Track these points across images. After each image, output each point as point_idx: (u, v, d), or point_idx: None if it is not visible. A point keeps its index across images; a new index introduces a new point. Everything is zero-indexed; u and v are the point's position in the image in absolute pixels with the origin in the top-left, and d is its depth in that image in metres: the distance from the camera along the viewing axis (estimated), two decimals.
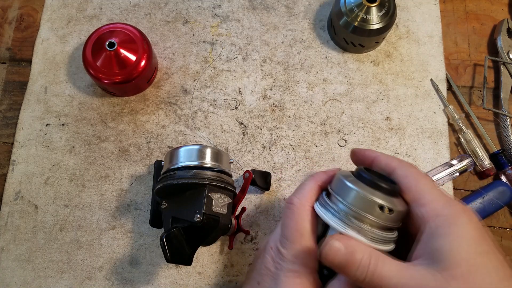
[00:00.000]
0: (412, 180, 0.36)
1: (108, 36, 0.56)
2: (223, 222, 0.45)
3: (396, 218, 0.36)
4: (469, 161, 0.57)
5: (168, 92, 0.61)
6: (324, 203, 0.38)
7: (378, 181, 0.36)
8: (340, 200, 0.36)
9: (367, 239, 0.35)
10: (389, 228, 0.36)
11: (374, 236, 0.35)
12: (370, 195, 0.35)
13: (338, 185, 0.38)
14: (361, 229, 0.35)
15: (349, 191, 0.36)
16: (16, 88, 0.61)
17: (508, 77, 0.62)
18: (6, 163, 0.58)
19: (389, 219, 0.35)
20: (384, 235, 0.35)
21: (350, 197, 0.36)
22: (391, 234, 0.36)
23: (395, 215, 0.35)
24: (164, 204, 0.48)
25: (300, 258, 0.37)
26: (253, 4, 0.65)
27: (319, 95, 0.61)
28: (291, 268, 0.37)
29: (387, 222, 0.35)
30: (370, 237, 0.35)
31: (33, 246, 0.55)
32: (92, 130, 0.59)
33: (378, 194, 0.35)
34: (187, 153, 0.48)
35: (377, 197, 0.35)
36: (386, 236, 0.35)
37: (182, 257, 0.44)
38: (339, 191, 0.37)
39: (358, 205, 0.35)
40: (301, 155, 0.58)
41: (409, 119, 0.60)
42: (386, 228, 0.36)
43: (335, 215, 0.36)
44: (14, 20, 0.65)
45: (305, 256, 0.38)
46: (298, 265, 0.37)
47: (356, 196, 0.35)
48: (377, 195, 0.35)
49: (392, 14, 0.58)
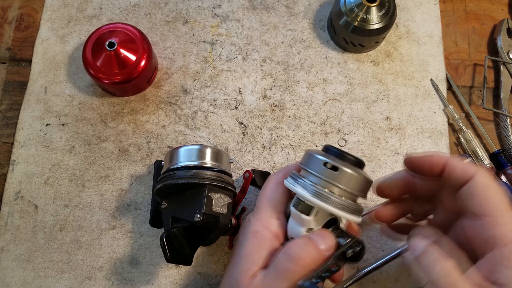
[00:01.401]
0: (492, 193, 0.35)
1: (108, 36, 0.56)
2: (223, 222, 0.45)
3: (351, 183, 0.38)
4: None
5: (168, 92, 0.61)
6: (292, 175, 0.41)
7: (343, 153, 0.39)
8: (303, 168, 0.40)
9: (319, 198, 0.37)
10: (348, 193, 0.38)
11: (327, 197, 0.37)
12: (319, 155, 0.38)
13: (303, 157, 0.42)
14: (317, 191, 0.37)
15: (307, 157, 0.40)
16: (16, 88, 0.61)
17: (508, 77, 0.62)
18: (6, 163, 0.58)
19: (342, 181, 0.37)
20: (337, 197, 0.37)
21: (307, 162, 0.39)
22: (351, 202, 0.38)
23: (344, 176, 0.37)
24: (164, 204, 0.48)
25: (262, 221, 0.41)
26: (253, 4, 0.65)
27: (319, 95, 0.61)
28: (251, 229, 0.41)
29: (340, 184, 0.37)
30: (323, 197, 0.37)
31: (33, 246, 0.55)
32: (92, 130, 0.59)
33: (335, 159, 0.38)
34: (187, 153, 0.48)
35: (326, 157, 0.38)
36: (341, 200, 0.37)
37: (182, 257, 0.44)
38: (303, 161, 0.41)
39: (311, 167, 0.38)
40: (301, 155, 0.58)
41: (409, 119, 0.60)
42: (345, 194, 0.38)
43: (295, 180, 0.39)
44: (14, 20, 0.65)
45: (267, 219, 0.41)
46: (259, 226, 0.40)
47: (310, 159, 0.39)
48: (330, 158, 0.38)
49: (392, 14, 0.58)
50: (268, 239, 0.40)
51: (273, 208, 0.41)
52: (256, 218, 0.41)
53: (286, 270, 0.36)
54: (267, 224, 0.41)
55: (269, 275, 0.37)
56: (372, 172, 0.58)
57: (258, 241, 0.39)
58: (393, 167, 0.58)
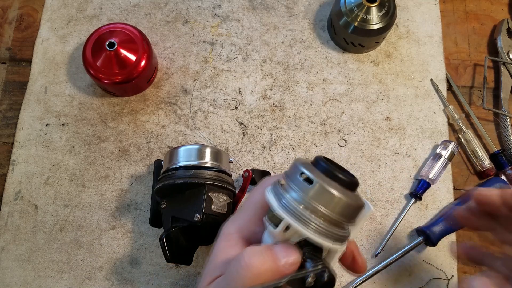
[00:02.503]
0: None
1: (108, 36, 0.56)
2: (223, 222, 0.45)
3: (334, 206, 0.30)
4: (453, 145, 0.57)
5: (168, 92, 0.61)
6: (275, 183, 0.34)
7: (334, 170, 0.31)
8: (284, 177, 0.33)
9: (289, 215, 0.30)
10: (333, 218, 0.30)
11: (298, 215, 0.30)
12: (300, 166, 0.31)
13: (289, 169, 0.34)
14: (287, 205, 0.30)
15: (291, 167, 0.33)
16: (16, 88, 0.61)
17: (508, 77, 0.62)
18: (6, 163, 0.58)
19: (315, 196, 0.30)
20: (311, 218, 0.30)
21: (289, 172, 0.32)
22: (339, 230, 0.31)
23: (320, 192, 0.30)
24: (163, 204, 0.48)
25: (236, 224, 0.36)
26: (253, 4, 0.65)
27: (319, 95, 0.61)
28: (224, 231, 0.37)
29: (320, 204, 0.30)
30: (293, 215, 0.30)
31: (33, 246, 0.55)
32: (92, 130, 0.59)
33: (326, 180, 0.31)
34: (187, 153, 0.48)
35: (309, 171, 0.31)
36: (314, 221, 0.30)
37: (182, 256, 0.44)
38: (288, 174, 0.33)
39: (290, 177, 0.32)
40: (301, 155, 0.58)
41: (409, 119, 0.60)
42: (330, 219, 0.30)
43: (274, 191, 0.32)
44: (14, 20, 0.65)
45: (241, 222, 0.36)
46: (232, 228, 0.36)
47: (292, 169, 0.32)
48: (315, 173, 0.31)
49: (392, 14, 0.58)
50: (238, 243, 0.35)
51: (253, 212, 0.36)
52: (232, 219, 0.37)
53: (236, 277, 0.32)
54: (241, 227, 0.36)
55: (220, 282, 0.33)
56: (372, 172, 0.58)
57: (226, 245, 0.35)
58: (393, 167, 0.58)
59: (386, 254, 0.55)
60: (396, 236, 0.56)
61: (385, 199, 0.57)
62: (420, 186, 0.56)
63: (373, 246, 0.55)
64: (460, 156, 0.60)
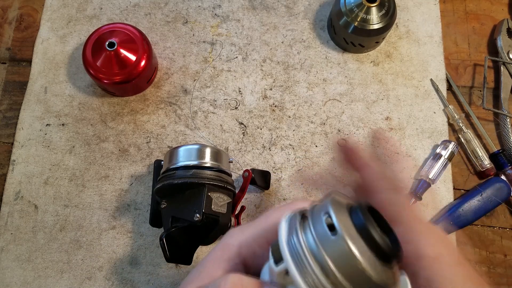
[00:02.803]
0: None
1: (108, 36, 0.56)
2: (223, 222, 0.45)
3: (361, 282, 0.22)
4: (453, 145, 0.57)
5: (168, 92, 0.61)
6: (294, 216, 0.26)
7: (372, 228, 0.23)
8: (308, 218, 0.25)
9: (307, 285, 0.23)
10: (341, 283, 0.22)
11: (312, 282, 0.22)
12: (328, 204, 0.24)
13: (319, 202, 0.26)
14: (306, 268, 0.23)
15: (320, 209, 0.24)
16: (16, 88, 0.61)
17: (508, 77, 0.62)
18: (6, 163, 0.58)
19: (333, 252, 0.23)
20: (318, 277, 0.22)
21: (315, 207, 0.25)
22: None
23: (338, 248, 0.22)
24: (163, 204, 0.48)
25: (240, 238, 0.31)
26: (253, 4, 0.65)
27: (319, 95, 0.61)
28: (227, 240, 0.32)
29: (331, 260, 0.22)
30: (305, 279, 0.23)
31: (33, 246, 0.55)
32: (92, 130, 0.59)
33: (358, 242, 0.22)
34: (187, 153, 0.48)
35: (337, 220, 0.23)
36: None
37: (182, 256, 0.44)
38: (315, 209, 0.25)
39: (314, 215, 0.24)
40: (301, 155, 0.58)
41: (409, 119, 0.60)
42: (339, 283, 0.22)
43: (291, 231, 0.25)
44: (14, 20, 0.65)
45: (247, 239, 0.31)
46: (235, 241, 0.32)
47: (320, 205, 0.25)
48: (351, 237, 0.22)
49: (392, 14, 0.58)
50: (233, 259, 0.31)
51: (263, 232, 0.31)
52: (239, 229, 0.33)
53: None
54: (243, 243, 0.31)
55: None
56: None
57: (221, 255, 0.31)
58: (393, 167, 0.58)
59: None
60: None
61: None
62: (420, 186, 0.56)
63: None
64: (460, 156, 0.60)
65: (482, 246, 0.57)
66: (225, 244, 0.32)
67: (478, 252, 0.56)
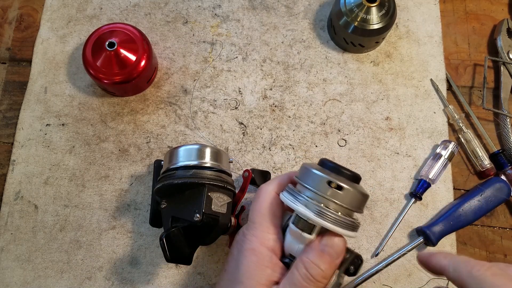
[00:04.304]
0: None
1: (108, 36, 0.56)
2: (223, 222, 0.45)
3: (351, 200, 0.37)
4: (453, 145, 0.57)
5: (168, 92, 0.61)
6: (288, 189, 0.39)
7: (339, 167, 0.38)
8: (300, 183, 0.38)
9: (323, 219, 0.36)
10: (347, 210, 0.37)
11: (331, 217, 0.36)
12: (320, 173, 0.37)
13: (300, 171, 0.40)
14: (318, 209, 0.36)
15: (306, 173, 0.38)
16: (16, 88, 0.61)
17: (508, 77, 0.62)
18: (6, 163, 0.58)
19: (343, 199, 0.36)
20: (342, 217, 0.36)
21: (307, 178, 0.38)
22: (350, 219, 0.37)
23: (348, 195, 0.37)
24: (163, 204, 0.48)
25: (259, 237, 0.39)
26: (253, 4, 0.65)
27: (319, 95, 0.61)
28: (248, 246, 0.39)
29: (342, 203, 0.36)
30: (328, 218, 0.36)
31: (33, 246, 0.55)
32: (92, 130, 0.59)
33: (334, 176, 0.37)
34: (187, 153, 0.48)
35: (328, 175, 0.37)
36: (345, 219, 0.36)
37: (182, 256, 0.44)
38: (300, 175, 0.39)
39: (312, 184, 0.37)
40: (301, 155, 0.58)
41: (409, 119, 0.60)
42: (344, 211, 0.37)
43: (295, 197, 0.38)
44: (14, 20, 0.65)
45: (263, 235, 0.39)
46: (256, 243, 0.39)
47: (310, 176, 0.38)
48: (331, 175, 0.37)
49: (392, 14, 0.58)
50: (268, 256, 0.39)
51: (269, 223, 0.40)
52: (252, 234, 0.40)
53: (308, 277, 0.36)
54: (263, 240, 0.39)
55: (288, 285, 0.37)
56: (372, 172, 0.58)
57: (258, 259, 0.38)
58: (393, 167, 0.58)
59: (386, 254, 0.55)
60: (396, 236, 0.56)
61: (385, 199, 0.57)
62: (420, 186, 0.56)
63: (373, 246, 0.55)
64: (460, 156, 0.60)
65: (482, 246, 0.57)
66: (252, 250, 0.39)
67: (478, 252, 0.56)
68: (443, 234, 0.54)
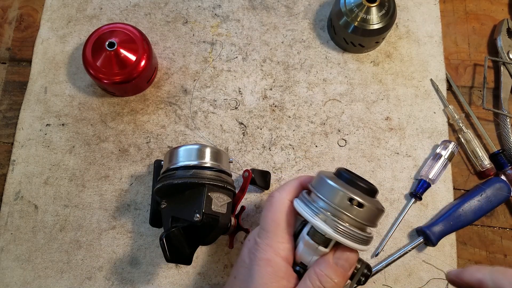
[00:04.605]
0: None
1: (108, 36, 0.56)
2: (223, 222, 0.45)
3: (369, 216, 0.37)
4: (453, 145, 0.57)
5: (168, 92, 0.61)
6: (303, 199, 0.39)
7: (356, 180, 0.38)
8: (317, 195, 0.38)
9: (341, 235, 0.36)
10: (363, 226, 0.37)
11: (348, 233, 0.36)
12: (341, 188, 0.36)
13: (317, 182, 0.40)
14: (336, 225, 0.36)
15: (325, 186, 0.38)
16: (16, 88, 0.61)
17: (508, 77, 0.62)
18: (6, 163, 0.58)
19: (361, 215, 0.36)
20: (359, 233, 0.36)
21: (325, 191, 0.37)
22: (365, 234, 0.37)
23: (366, 211, 0.36)
24: (163, 204, 0.48)
25: (273, 247, 0.39)
26: (253, 4, 0.65)
27: (319, 95, 0.61)
28: (263, 256, 0.38)
29: (359, 219, 0.36)
30: (345, 234, 0.36)
31: (33, 246, 0.55)
32: (92, 130, 0.59)
33: (352, 190, 0.37)
34: (187, 153, 0.48)
35: (348, 191, 0.36)
36: (361, 235, 0.36)
37: (182, 256, 0.44)
38: (317, 186, 0.39)
39: (331, 198, 0.37)
40: (301, 155, 0.58)
41: (409, 119, 0.60)
42: (360, 227, 0.37)
43: (313, 210, 0.37)
44: (14, 20, 0.65)
45: (278, 245, 0.39)
46: (271, 253, 0.38)
47: (330, 190, 0.37)
48: (350, 190, 0.37)
49: (392, 14, 0.58)
50: (283, 266, 0.39)
51: (284, 232, 0.39)
52: (265, 244, 0.39)
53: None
54: (278, 250, 0.39)
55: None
56: (372, 172, 0.58)
57: (273, 270, 0.38)
58: (393, 167, 0.58)
59: (386, 254, 0.55)
60: (396, 236, 0.56)
61: (385, 199, 0.57)
62: (420, 186, 0.56)
63: (373, 246, 0.55)
64: (460, 156, 0.60)
65: (482, 246, 0.57)
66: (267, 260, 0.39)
67: (478, 252, 0.56)
68: (443, 234, 0.54)
